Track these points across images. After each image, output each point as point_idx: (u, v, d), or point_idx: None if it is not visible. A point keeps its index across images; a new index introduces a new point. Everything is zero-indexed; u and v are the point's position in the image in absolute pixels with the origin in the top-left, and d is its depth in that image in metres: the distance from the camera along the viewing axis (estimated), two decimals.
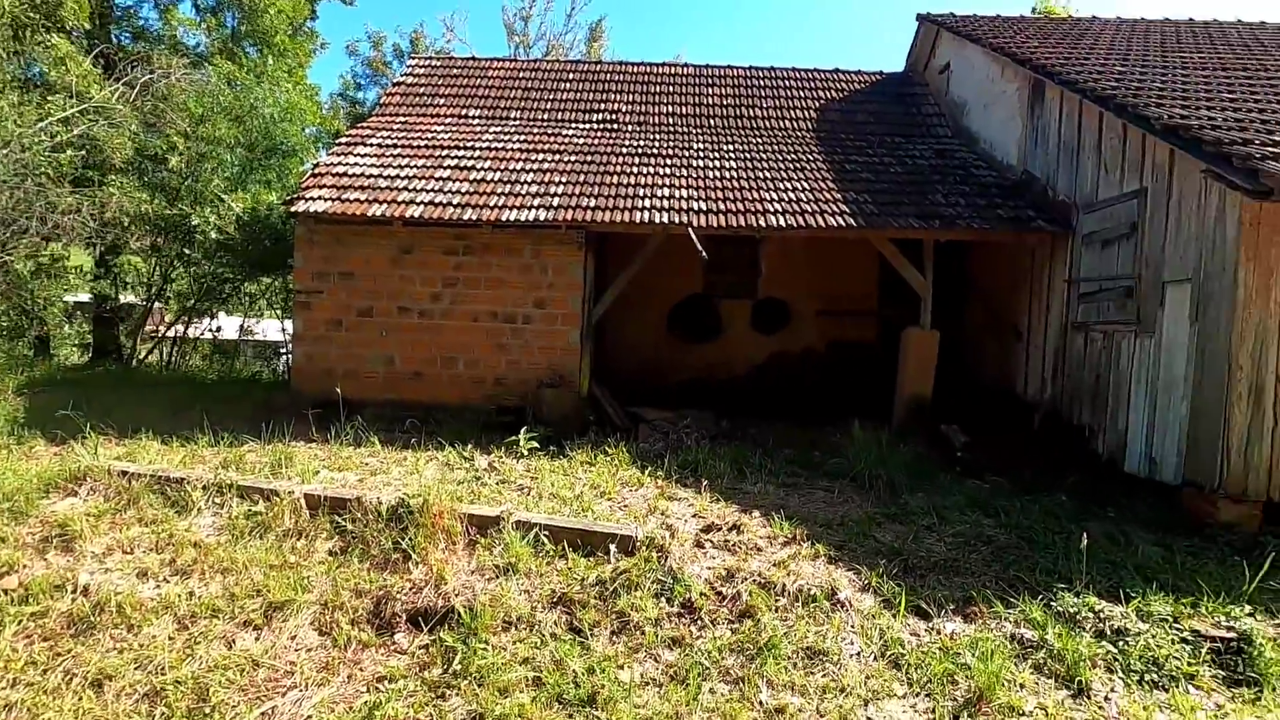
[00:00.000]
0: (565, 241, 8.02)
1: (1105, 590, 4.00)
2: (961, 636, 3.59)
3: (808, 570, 4.14)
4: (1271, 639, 3.61)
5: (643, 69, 12.44)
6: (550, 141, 9.91)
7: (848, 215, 7.76)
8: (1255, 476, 5.21)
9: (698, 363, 10.50)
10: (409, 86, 11.69)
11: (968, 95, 10.54)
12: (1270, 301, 5.18)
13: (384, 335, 8.21)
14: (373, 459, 6.17)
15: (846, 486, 5.92)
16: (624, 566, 4.03)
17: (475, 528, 4.40)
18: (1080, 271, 7.24)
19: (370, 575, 4.02)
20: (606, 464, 6.31)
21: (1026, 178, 8.52)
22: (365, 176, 8.55)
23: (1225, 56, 8.40)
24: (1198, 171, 5.51)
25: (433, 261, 8.15)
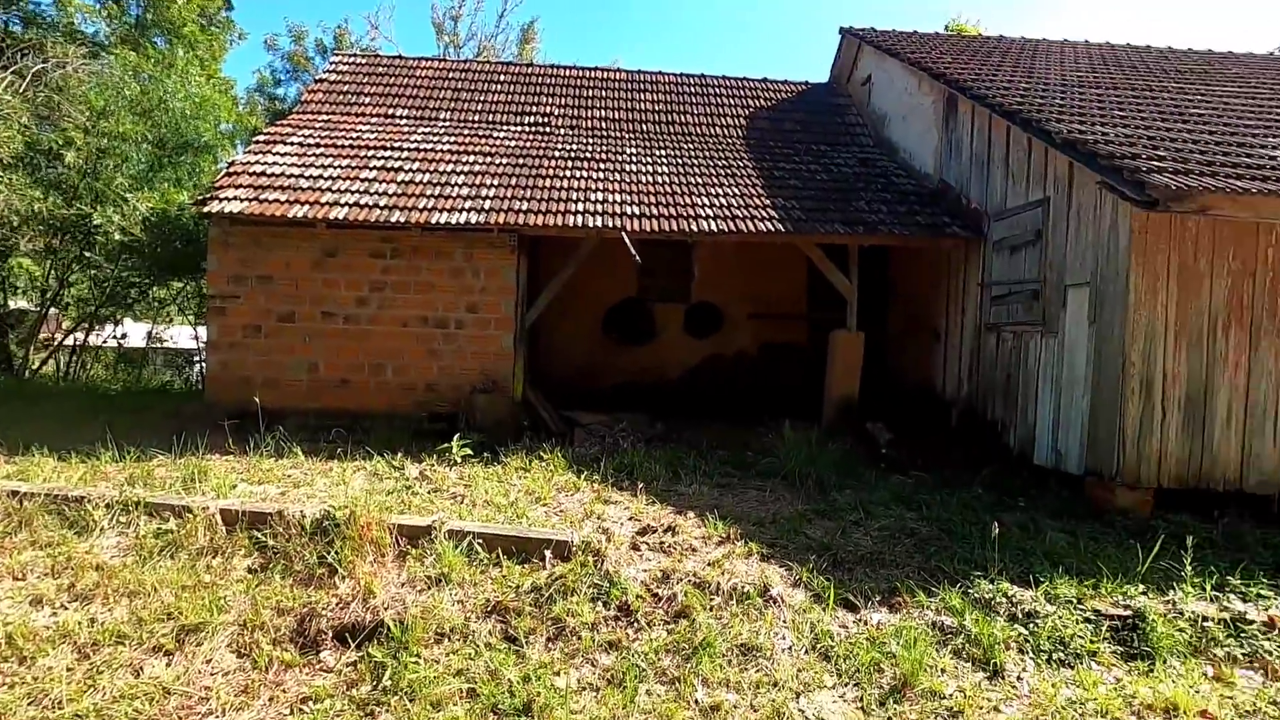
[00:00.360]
0: (498, 245, 7.91)
1: (1017, 576, 4.24)
2: (887, 626, 3.73)
3: (741, 568, 4.22)
4: (1162, 615, 3.90)
5: (575, 72, 12.43)
6: (481, 143, 9.77)
7: (777, 221, 7.97)
8: (1147, 465, 5.63)
9: (632, 366, 10.55)
10: (332, 84, 11.30)
11: (888, 107, 11.00)
12: (1157, 304, 5.62)
13: (307, 341, 7.89)
14: (295, 471, 5.91)
15: (778, 485, 6.07)
16: (560, 572, 4.00)
17: (406, 538, 4.28)
18: (992, 276, 7.66)
19: (293, 592, 3.85)
20: (542, 469, 6.25)
21: (942, 186, 8.96)
22: (286, 176, 8.21)
23: (1115, 77, 9.07)
24: (1094, 183, 5.92)
25: (359, 265, 7.89)
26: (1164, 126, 6.80)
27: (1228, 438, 5.67)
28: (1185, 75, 9.54)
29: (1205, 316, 5.63)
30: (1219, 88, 8.87)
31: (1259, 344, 5.67)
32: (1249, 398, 5.66)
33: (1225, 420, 5.66)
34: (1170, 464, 5.64)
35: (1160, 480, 5.64)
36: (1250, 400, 5.67)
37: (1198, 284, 5.61)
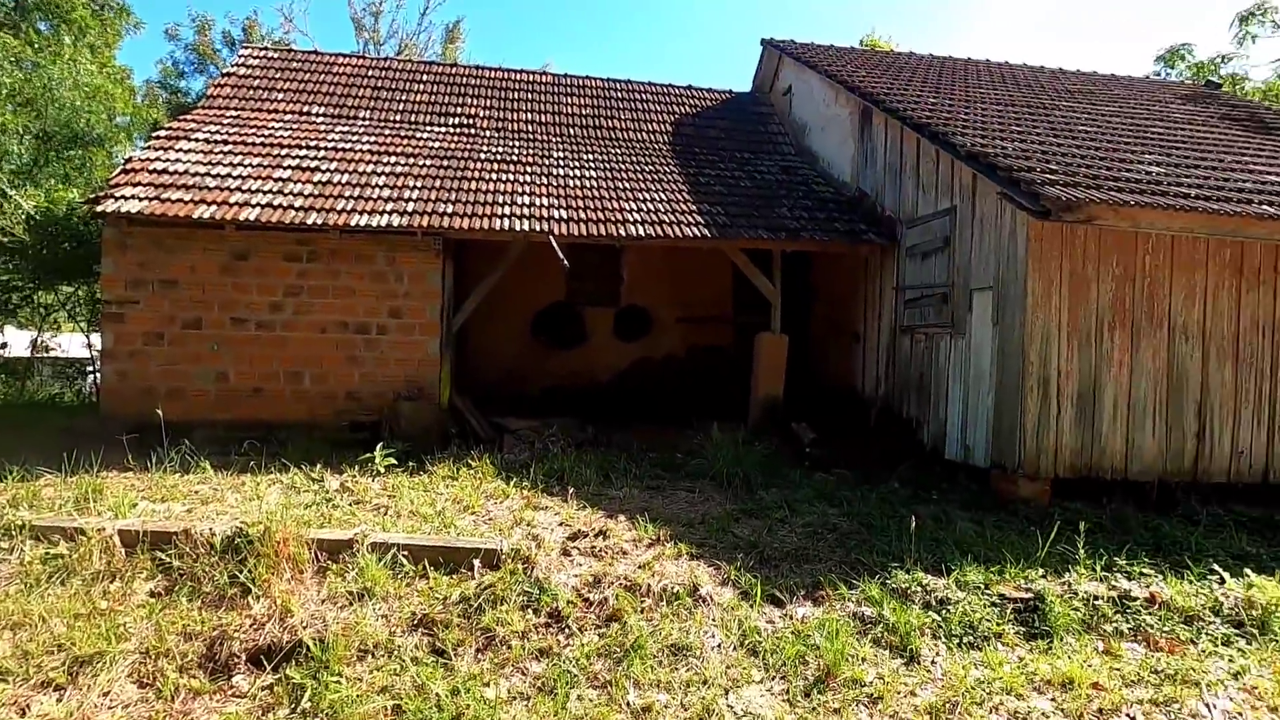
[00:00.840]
0: (422, 248, 7.71)
1: (931, 565, 4.47)
2: (811, 619, 3.86)
3: (671, 569, 4.27)
4: (1059, 596, 4.20)
5: (501, 74, 12.28)
6: (404, 144, 9.52)
7: (703, 226, 8.11)
8: (1045, 457, 6.04)
9: (562, 370, 10.50)
10: (242, 78, 10.75)
11: (808, 117, 11.39)
12: (1052, 307, 6.05)
13: (215, 349, 7.47)
14: (204, 487, 5.59)
15: (707, 486, 6.18)
16: (489, 581, 3.95)
17: (326, 554, 4.11)
18: (905, 280, 8.05)
19: (202, 615, 3.63)
20: (470, 477, 6.14)
21: (859, 194, 9.35)
22: (190, 174, 7.76)
23: (1014, 94, 9.72)
24: (995, 194, 6.32)
25: (272, 268, 7.54)
26: (1055, 142, 7.33)
27: (1114, 431, 6.16)
28: (1074, 95, 10.31)
29: (1093, 318, 6.10)
30: (1104, 107, 9.64)
31: (1139, 344, 6.19)
32: (1131, 394, 6.17)
33: (1112, 415, 6.14)
34: (1065, 456, 6.07)
35: (1057, 471, 6.06)
36: (1132, 396, 6.17)
37: (1086, 288, 6.08)
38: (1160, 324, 6.21)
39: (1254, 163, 7.59)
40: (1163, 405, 6.23)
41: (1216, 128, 9.33)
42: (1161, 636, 3.98)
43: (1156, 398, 6.22)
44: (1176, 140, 8.25)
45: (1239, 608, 4.26)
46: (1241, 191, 6.37)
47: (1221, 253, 6.27)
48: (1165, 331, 6.21)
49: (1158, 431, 6.22)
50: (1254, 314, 6.35)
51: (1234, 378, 6.34)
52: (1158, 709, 3.32)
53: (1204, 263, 6.25)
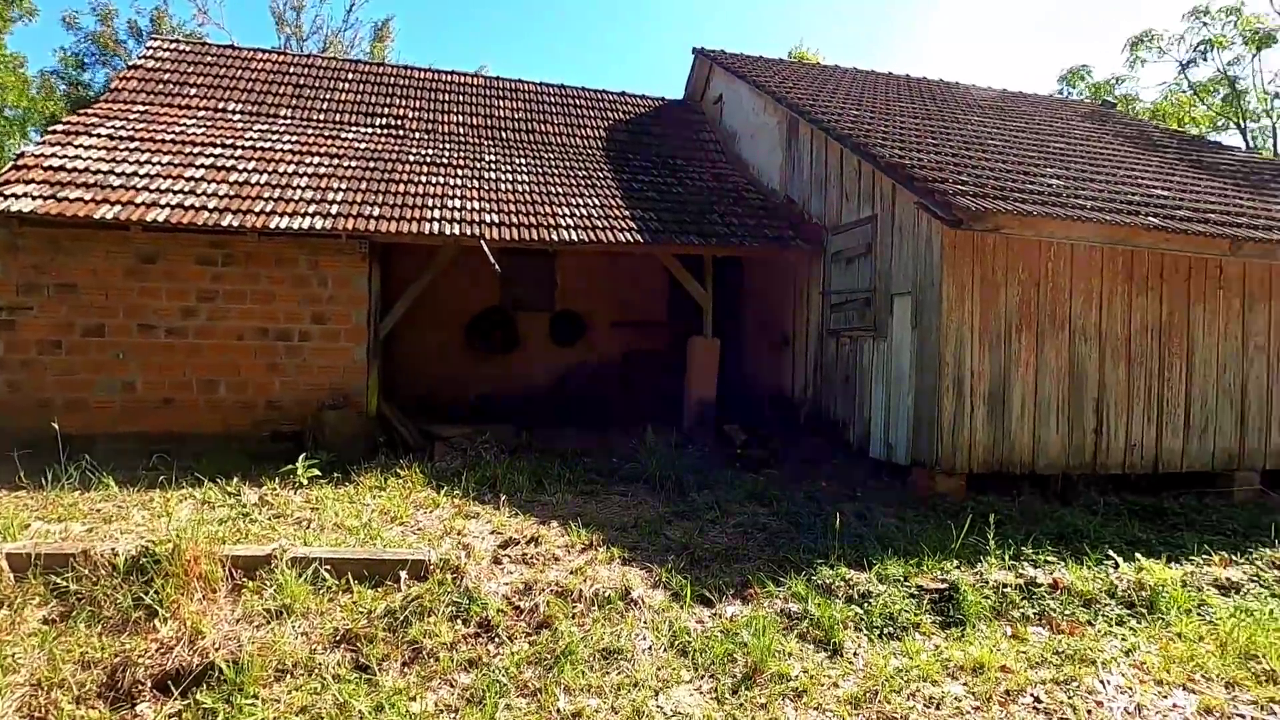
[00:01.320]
0: (347, 251, 7.48)
1: (854, 561, 4.63)
2: (740, 618, 3.94)
3: (604, 574, 4.28)
4: (971, 585, 4.42)
5: (430, 75, 12.05)
6: (328, 144, 9.21)
7: (636, 232, 8.18)
8: (960, 454, 6.36)
9: (497, 376, 10.37)
10: (150, 71, 10.18)
11: (738, 126, 11.64)
12: (965, 310, 6.37)
13: (120, 357, 7.04)
14: (106, 504, 5.26)
15: (641, 490, 6.22)
16: (416, 593, 3.86)
17: (241, 570, 3.93)
18: (831, 285, 8.32)
19: (102, 641, 3.41)
20: (399, 487, 6.00)
21: (788, 201, 9.62)
22: (91, 172, 7.29)
23: (930, 108, 10.20)
24: (912, 203, 6.62)
25: (184, 272, 7.16)
26: (967, 155, 7.74)
27: (1022, 427, 6.53)
28: (985, 110, 10.91)
29: (1002, 321, 6.46)
30: (1011, 123, 10.24)
31: (1043, 345, 6.59)
32: (1037, 392, 6.56)
33: (1020, 412, 6.52)
34: (979, 452, 6.40)
35: (971, 467, 6.38)
36: (1038, 395, 6.57)
37: (996, 293, 6.43)
38: (1062, 326, 6.63)
39: (1142, 177, 8.22)
40: (1065, 403, 6.65)
41: (1111, 144, 10.04)
42: (1063, 620, 4.24)
43: (1059, 396, 6.63)
44: (1075, 155, 8.84)
45: (1131, 590, 4.59)
46: (1131, 204, 6.88)
47: (1115, 260, 6.76)
48: (1066, 333, 6.64)
49: (1061, 427, 6.64)
50: (1143, 317, 6.87)
51: (1127, 376, 6.83)
52: (1059, 687, 3.53)
53: (1100, 269, 6.72)
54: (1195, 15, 18.18)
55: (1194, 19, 18.27)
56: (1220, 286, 7.14)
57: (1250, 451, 7.26)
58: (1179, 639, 4.11)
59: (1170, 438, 6.98)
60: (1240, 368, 7.20)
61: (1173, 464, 7.01)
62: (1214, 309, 7.11)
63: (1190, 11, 18.18)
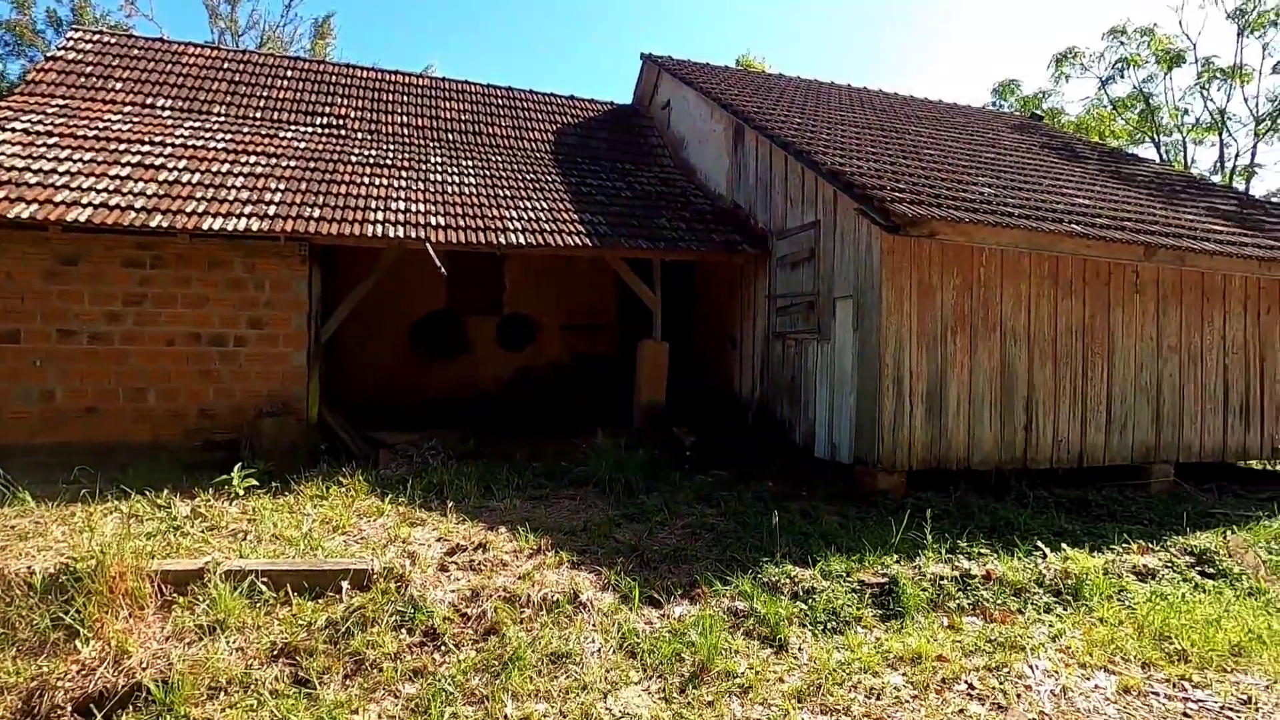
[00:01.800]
0: (285, 254, 7.26)
1: (799, 558, 4.73)
2: (688, 617, 3.98)
3: (552, 578, 4.26)
4: (910, 579, 4.57)
5: (373, 74, 11.81)
6: (264, 143, 8.92)
7: (584, 235, 8.18)
8: (900, 452, 6.56)
9: (444, 381, 10.21)
10: (71, 64, 9.67)
11: (685, 131, 11.77)
12: (903, 313, 6.59)
13: (37, 365, 6.66)
14: (22, 520, 4.97)
15: (590, 493, 6.21)
16: (358, 603, 3.77)
17: (171, 586, 3.77)
18: (777, 289, 8.49)
19: (17, 665, 3.23)
20: (341, 495, 5.85)
21: (734, 206, 9.77)
22: (5, 168, 6.91)
23: (870, 118, 10.53)
24: (853, 209, 6.82)
25: (109, 274, 6.83)
26: (904, 163, 8.02)
27: (958, 425, 6.79)
28: (922, 120, 11.32)
29: (939, 323, 6.71)
30: (946, 133, 10.65)
31: (977, 346, 6.87)
32: (972, 391, 6.83)
33: (955, 411, 6.78)
34: (918, 450, 6.62)
35: (911, 464, 6.60)
36: (973, 393, 6.84)
37: (932, 296, 6.68)
38: (994, 328, 6.92)
39: (1066, 186, 8.66)
40: (997, 401, 6.95)
41: (1038, 155, 10.55)
42: (995, 609, 4.43)
43: (992, 394, 6.92)
44: (1005, 165, 9.26)
45: (1058, 578, 4.83)
46: (1055, 212, 7.24)
47: (1041, 265, 7.10)
48: (998, 335, 6.94)
49: (994, 425, 6.93)
50: (1068, 319, 7.23)
51: (1054, 375, 7.18)
52: (991, 674, 3.69)
53: (1028, 274, 7.05)
54: (1114, 34, 19.33)
55: (1112, 38, 19.42)
56: (1136, 290, 7.57)
57: (1165, 445, 7.71)
58: (1101, 624, 4.34)
59: (1094, 433, 7.36)
60: (1155, 367, 7.65)
61: (1096, 458, 7.39)
62: (1131, 311, 7.54)
63: (1109, 31, 19.33)
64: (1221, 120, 19.22)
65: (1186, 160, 20.20)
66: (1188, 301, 7.78)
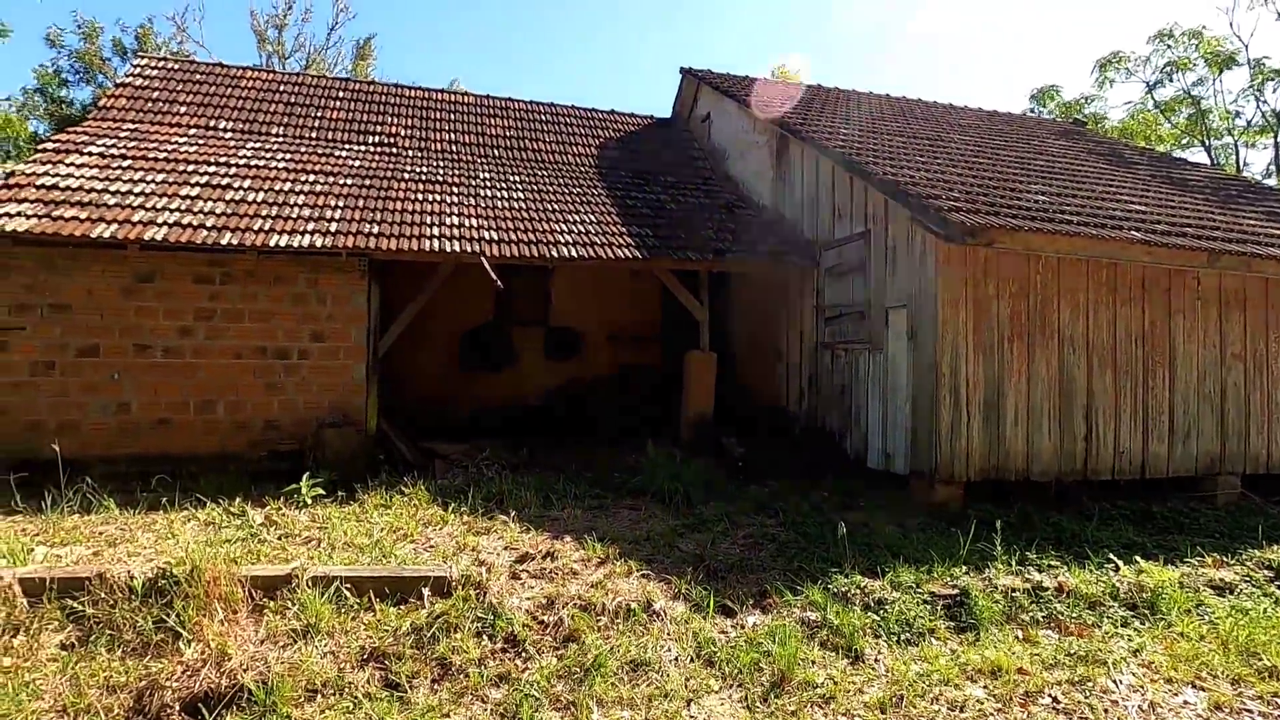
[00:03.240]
0: (346, 269, 7.47)
1: (866, 569, 4.71)
2: (761, 627, 4.00)
3: (624, 587, 4.31)
4: (981, 591, 4.53)
5: (421, 94, 12.12)
6: (321, 162, 9.21)
7: (634, 248, 8.27)
8: (958, 462, 6.49)
9: (491, 392, 10.36)
10: (139, 89, 10.11)
11: (726, 143, 11.85)
12: (959, 322, 6.54)
13: (115, 378, 6.94)
14: (109, 527, 5.18)
15: (648, 503, 6.25)
16: (440, 609, 3.86)
17: (261, 591, 3.90)
18: (825, 299, 8.48)
19: (126, 665, 3.37)
20: (404, 504, 5.97)
21: (779, 217, 9.80)
22: (84, 190, 7.22)
23: (914, 127, 10.48)
24: (906, 219, 6.80)
25: (181, 291, 7.10)
26: (955, 172, 7.97)
27: (1016, 435, 6.70)
28: (965, 129, 11.24)
29: (995, 332, 6.64)
30: (992, 141, 10.56)
31: (1034, 354, 6.78)
32: (1030, 400, 6.74)
33: (1013, 420, 6.69)
34: (975, 460, 6.54)
35: (969, 475, 6.52)
36: (1031, 402, 6.75)
37: (988, 305, 6.62)
38: (1051, 336, 6.83)
39: (1120, 193, 8.52)
40: (1056, 410, 6.84)
41: (1087, 161, 10.40)
42: (1071, 622, 4.36)
43: (1050, 404, 6.82)
44: (1055, 172, 9.14)
45: (1132, 591, 4.74)
46: (1113, 219, 7.14)
47: (1099, 272, 6.99)
48: (1056, 343, 6.84)
49: (1053, 435, 6.82)
50: (1127, 326, 7.10)
51: (1114, 384, 7.04)
52: (1074, 688, 3.64)
53: (1085, 281, 6.94)
54: (1160, 38, 19.00)
55: (1159, 42, 19.09)
56: (1198, 297, 7.41)
57: (1230, 455, 7.50)
58: (1182, 638, 4.24)
59: (1156, 443, 7.20)
60: (1219, 375, 7.46)
61: (1159, 469, 7.22)
62: (1193, 318, 7.37)
63: (1155, 34, 19.01)
64: (1278, 122, 18.71)
65: (1239, 163, 19.69)
66: (1251, 308, 7.58)
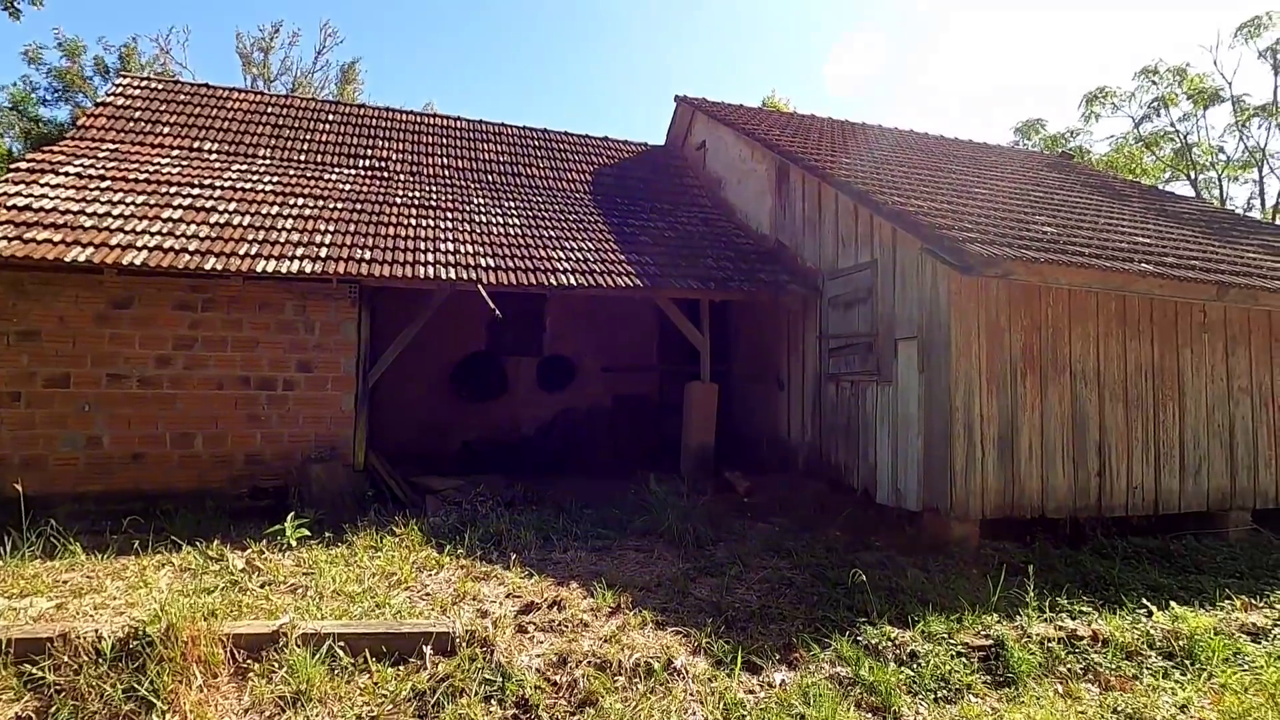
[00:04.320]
0: (337, 296, 7.18)
1: (894, 617, 4.45)
2: (791, 685, 3.70)
3: (640, 641, 4.00)
4: (1015, 640, 4.28)
5: (412, 117, 11.93)
6: (310, 186, 8.93)
7: (635, 276, 8.07)
8: (973, 499, 6.28)
9: (483, 423, 10.03)
10: (120, 109, 9.81)
11: (722, 171, 11.77)
12: (972, 354, 6.38)
13: (87, 410, 6.54)
14: (74, 574, 4.77)
15: (655, 543, 5.95)
16: (444, 670, 3.52)
17: (245, 651, 3.54)
18: (829, 329, 8.31)
19: None
20: (396, 546, 5.61)
21: (778, 246, 9.67)
22: (59, 211, 6.88)
23: (912, 157, 10.47)
24: (916, 249, 6.67)
25: (160, 318, 6.75)
26: (960, 203, 7.89)
27: (1030, 471, 6.51)
28: (960, 160, 11.26)
29: (1008, 365, 6.49)
30: (988, 173, 10.57)
31: (1047, 388, 6.63)
32: (1044, 434, 6.57)
33: (1028, 455, 6.50)
34: (991, 496, 6.33)
35: (984, 512, 6.30)
36: (1044, 437, 6.58)
37: (1001, 337, 6.47)
38: (1063, 369, 6.69)
39: (1122, 225, 8.50)
40: (1069, 445, 6.67)
41: (1082, 193, 10.44)
42: (1111, 675, 4.12)
43: (1063, 438, 6.65)
44: (1055, 204, 9.13)
45: (1168, 639, 4.52)
46: (1122, 251, 7.07)
47: (1108, 305, 6.89)
48: (1068, 376, 6.70)
49: (1067, 470, 6.64)
50: (1137, 359, 6.99)
51: (1125, 418, 6.90)
52: None
53: (1095, 314, 6.84)
54: (1145, 74, 19.52)
55: (1144, 78, 19.59)
56: (1204, 330, 7.34)
57: (1241, 491, 7.38)
58: (1226, 690, 4.02)
59: (1168, 478, 7.06)
60: (1228, 409, 7.36)
61: (1171, 505, 7.06)
62: (1200, 351, 7.29)
63: (1141, 70, 19.53)
64: (1263, 157, 19.22)
65: (1223, 196, 20.12)
66: (1256, 341, 7.53)
